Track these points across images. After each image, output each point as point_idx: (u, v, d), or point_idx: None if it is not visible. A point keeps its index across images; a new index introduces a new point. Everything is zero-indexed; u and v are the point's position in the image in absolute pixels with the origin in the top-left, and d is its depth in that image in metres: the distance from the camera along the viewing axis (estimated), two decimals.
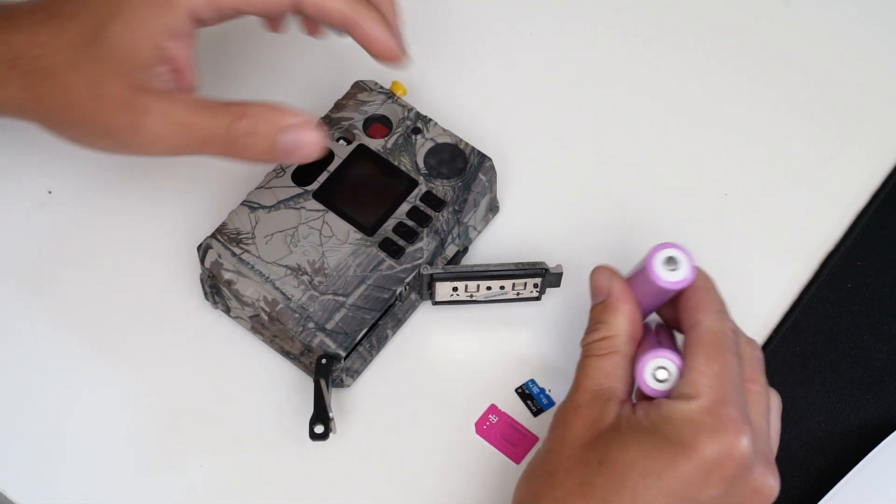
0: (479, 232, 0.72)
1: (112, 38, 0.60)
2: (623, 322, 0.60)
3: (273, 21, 0.68)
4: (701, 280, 0.60)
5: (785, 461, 0.67)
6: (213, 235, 0.68)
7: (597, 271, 0.62)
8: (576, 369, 0.61)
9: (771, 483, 0.57)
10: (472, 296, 0.69)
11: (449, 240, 0.69)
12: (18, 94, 0.61)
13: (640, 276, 0.61)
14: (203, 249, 0.68)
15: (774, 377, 0.69)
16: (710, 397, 0.56)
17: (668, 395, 0.58)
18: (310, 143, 0.60)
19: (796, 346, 0.70)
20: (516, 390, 0.69)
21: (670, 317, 0.63)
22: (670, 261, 0.59)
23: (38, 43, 0.61)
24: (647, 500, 0.55)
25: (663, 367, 0.58)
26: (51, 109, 0.62)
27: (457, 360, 0.70)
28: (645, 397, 0.59)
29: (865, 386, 0.69)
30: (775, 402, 0.61)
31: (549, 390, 0.69)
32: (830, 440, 0.68)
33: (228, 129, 0.60)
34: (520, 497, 0.60)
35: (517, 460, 0.67)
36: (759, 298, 0.71)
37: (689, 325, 0.59)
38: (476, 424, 0.68)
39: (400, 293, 0.67)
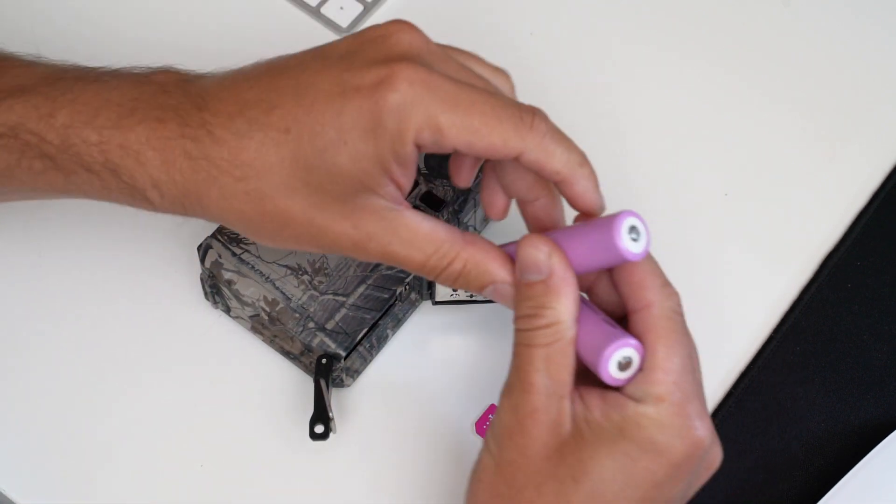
0: (479, 232, 0.72)
1: (339, 168, 0.55)
2: (570, 307, 0.56)
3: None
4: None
5: (785, 461, 0.67)
6: (213, 235, 0.68)
7: (531, 245, 0.57)
8: (515, 357, 0.56)
9: (719, 454, 0.57)
10: (472, 296, 0.69)
11: None
12: (220, 212, 0.58)
13: (585, 241, 0.57)
14: (203, 249, 0.68)
15: (774, 377, 0.70)
16: (676, 396, 0.54)
17: (627, 383, 0.55)
18: (506, 297, 0.58)
19: (796, 346, 0.70)
20: None
21: (601, 289, 0.60)
22: (633, 230, 0.55)
23: (244, 161, 0.56)
24: None
25: (627, 356, 0.55)
26: (261, 229, 0.58)
27: (457, 360, 0.70)
28: (588, 384, 0.56)
29: (865, 386, 0.69)
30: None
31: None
32: (830, 440, 0.68)
33: (441, 268, 0.58)
34: None
35: None
36: (759, 298, 0.71)
37: (639, 307, 0.56)
38: (476, 424, 0.68)
39: (400, 293, 0.67)
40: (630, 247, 0.54)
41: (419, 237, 0.57)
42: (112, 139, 0.58)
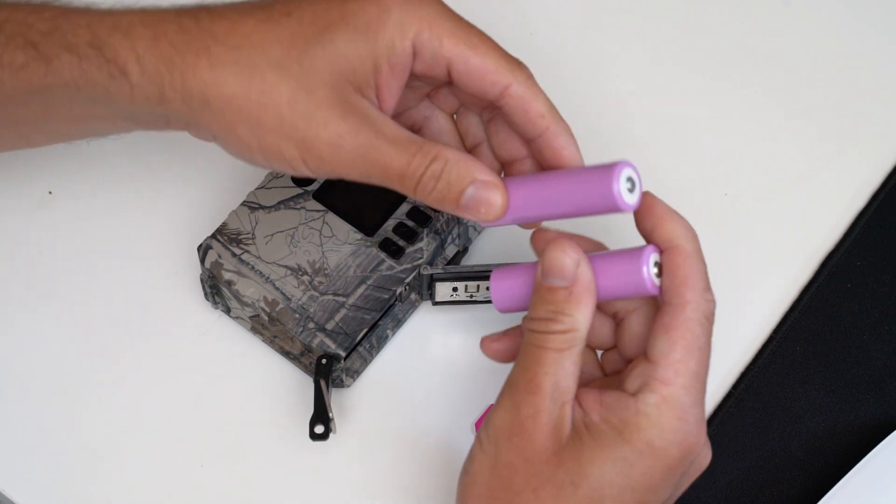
0: (479, 232, 0.72)
1: (335, 45, 0.55)
2: (588, 317, 0.56)
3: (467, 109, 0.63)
4: (690, 243, 0.57)
5: (785, 461, 0.67)
6: (213, 235, 0.68)
7: (560, 249, 0.56)
8: (522, 357, 0.56)
9: (709, 455, 0.58)
10: (472, 296, 0.69)
11: (449, 240, 0.69)
12: (202, 86, 0.55)
13: (610, 267, 0.57)
14: (203, 249, 0.68)
15: (774, 377, 0.70)
16: (679, 400, 0.54)
17: (636, 207, 0.55)
18: (493, 204, 0.57)
19: (796, 346, 0.70)
20: None
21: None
22: (657, 265, 0.56)
23: (242, 32, 0.55)
24: None
25: (629, 176, 0.55)
26: (242, 109, 0.56)
27: (457, 360, 0.70)
28: (586, 388, 0.56)
29: (865, 386, 0.69)
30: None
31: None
32: (830, 440, 0.68)
33: (422, 168, 0.56)
34: None
35: None
36: (760, 298, 0.71)
37: (675, 302, 0.55)
38: (476, 424, 0.68)
39: (400, 293, 0.67)
40: (654, 279, 0.56)
41: (403, 137, 0.56)
42: (103, 20, 0.57)
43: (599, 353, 0.61)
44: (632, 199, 0.55)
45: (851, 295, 0.72)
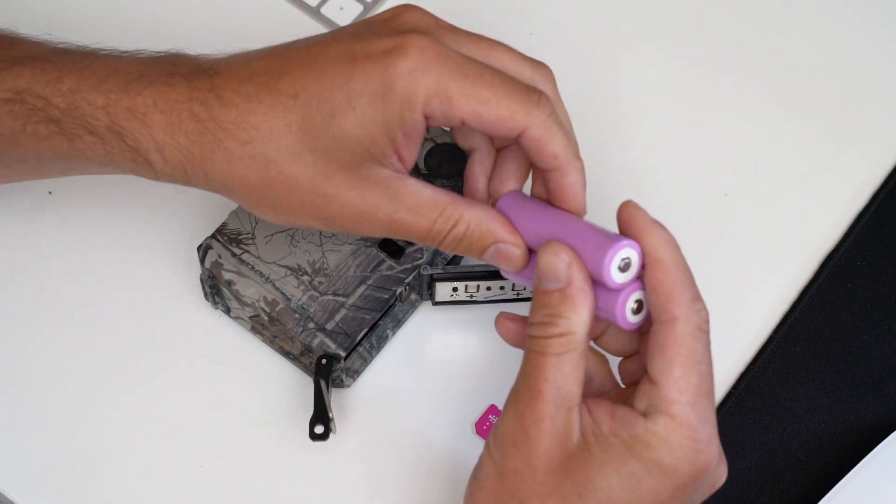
0: None
1: (346, 133, 0.56)
2: (585, 318, 0.55)
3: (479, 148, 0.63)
4: (668, 252, 0.56)
5: (785, 461, 0.67)
6: (213, 235, 0.68)
7: (551, 251, 0.56)
8: (525, 363, 0.56)
9: (724, 473, 0.57)
10: (472, 296, 0.69)
11: None
12: (223, 178, 0.57)
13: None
14: (203, 249, 0.68)
15: (774, 377, 0.70)
16: (687, 418, 0.54)
17: (629, 287, 0.55)
18: (512, 261, 0.59)
19: (796, 346, 0.70)
20: None
21: None
22: (638, 303, 0.56)
23: (251, 125, 0.56)
24: None
25: (625, 257, 0.55)
26: (264, 197, 0.58)
27: (457, 360, 0.70)
28: (598, 397, 0.57)
29: (865, 386, 0.69)
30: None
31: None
32: (830, 440, 0.68)
33: (445, 231, 0.58)
34: None
35: None
36: (759, 299, 0.71)
37: (664, 319, 0.55)
38: (476, 424, 0.68)
39: (400, 293, 0.67)
40: (630, 318, 0.56)
41: (424, 204, 0.58)
42: (119, 102, 0.57)
43: (617, 360, 0.61)
44: (623, 279, 0.55)
45: (851, 295, 0.72)
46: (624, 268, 0.55)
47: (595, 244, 0.55)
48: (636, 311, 0.56)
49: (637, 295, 0.56)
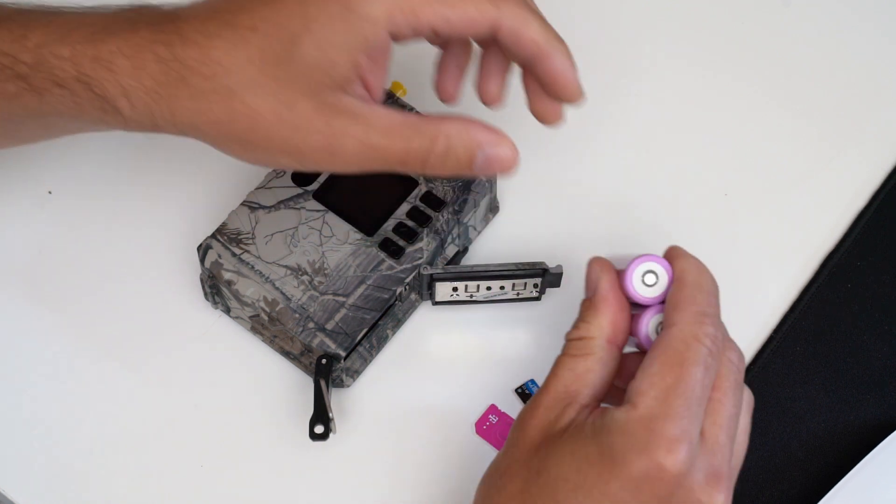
0: (479, 232, 0.72)
1: (304, 57, 0.55)
2: (604, 323, 0.58)
3: (455, 48, 0.63)
4: (691, 274, 0.57)
5: (785, 461, 0.67)
6: (213, 235, 0.68)
7: (591, 263, 0.60)
8: (552, 365, 0.58)
9: (719, 500, 0.54)
10: (472, 296, 0.69)
11: (449, 240, 0.69)
12: (190, 116, 0.57)
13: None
14: (203, 249, 0.68)
15: (774, 377, 0.70)
16: (649, 408, 0.53)
17: (661, 300, 0.57)
18: (505, 159, 0.58)
19: (796, 346, 0.70)
20: (516, 390, 0.69)
21: None
22: (648, 275, 0.58)
23: (214, 60, 0.56)
24: None
25: (649, 269, 0.58)
26: (231, 133, 0.57)
27: (457, 360, 0.70)
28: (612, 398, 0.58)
29: (865, 386, 0.69)
30: (746, 399, 0.58)
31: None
32: (830, 440, 0.68)
33: (425, 150, 0.57)
34: (477, 496, 0.59)
35: None
36: (760, 298, 0.71)
37: (665, 326, 0.56)
38: (476, 424, 0.68)
39: (400, 293, 0.67)
40: (643, 292, 0.58)
41: (396, 125, 0.57)
42: (85, 52, 0.57)
43: None
44: (649, 293, 0.58)
45: (851, 295, 0.72)
46: (650, 283, 0.58)
47: (629, 262, 0.59)
48: (649, 284, 0.58)
49: (657, 319, 0.58)
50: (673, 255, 0.59)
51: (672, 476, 0.52)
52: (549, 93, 0.60)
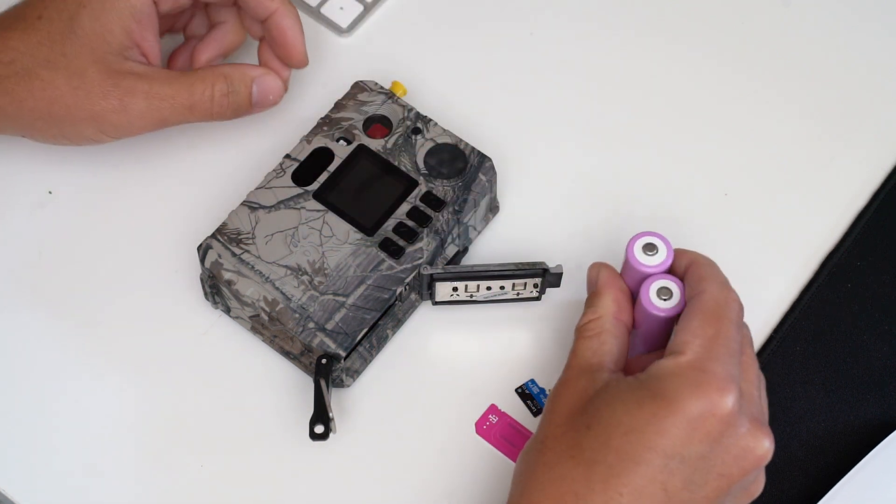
0: (479, 232, 0.72)
1: (84, 29, 0.65)
2: (608, 303, 0.62)
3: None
4: (702, 258, 0.62)
5: (785, 461, 0.67)
6: (213, 235, 0.68)
7: (590, 267, 0.65)
8: (569, 354, 0.62)
9: (764, 444, 0.57)
10: (472, 296, 0.69)
11: (449, 240, 0.69)
12: None
13: (625, 268, 0.64)
14: (203, 249, 0.68)
15: (774, 377, 0.70)
16: (697, 354, 0.56)
17: (672, 314, 0.61)
18: (274, 87, 0.71)
19: (796, 346, 0.70)
20: (516, 390, 0.69)
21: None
22: (649, 247, 0.62)
23: (10, 47, 0.65)
24: (631, 456, 0.55)
25: (664, 286, 0.61)
26: (34, 109, 0.66)
27: (457, 360, 0.70)
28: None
29: (865, 386, 0.69)
30: (762, 378, 0.61)
31: (549, 390, 0.68)
32: (830, 440, 0.68)
33: (208, 94, 0.67)
34: (516, 472, 0.60)
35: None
36: (759, 298, 0.71)
37: (693, 295, 0.60)
38: (476, 424, 0.68)
39: (400, 293, 0.67)
40: (645, 260, 0.63)
41: (179, 76, 0.68)
42: None
43: None
44: (650, 262, 0.63)
45: (851, 295, 0.72)
46: (651, 253, 0.62)
47: (630, 238, 0.63)
48: (664, 298, 0.61)
49: (663, 282, 0.62)
50: (679, 253, 0.63)
51: (723, 416, 0.55)
52: (276, 49, 0.71)
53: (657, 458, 0.55)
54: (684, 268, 0.62)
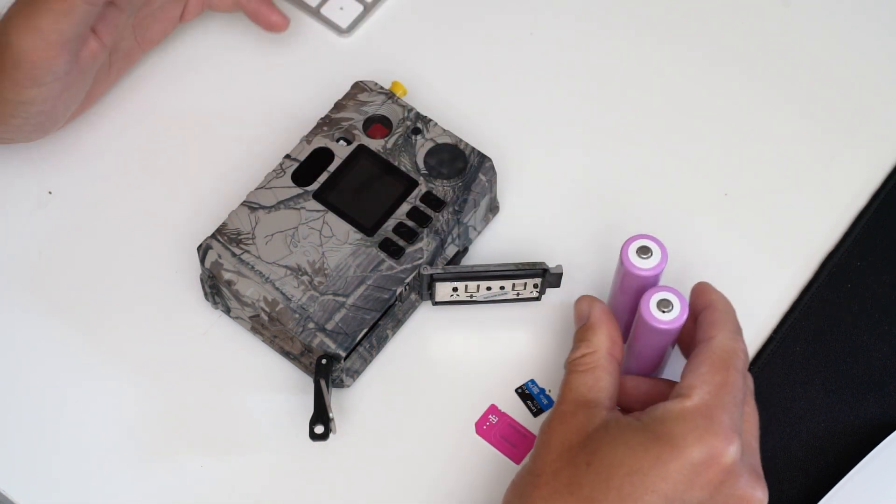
0: (479, 232, 0.72)
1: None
2: (603, 339, 0.62)
3: None
4: (721, 302, 0.62)
5: (785, 461, 0.67)
6: (213, 235, 0.68)
7: (579, 300, 0.65)
8: (560, 387, 0.62)
9: (759, 495, 0.57)
10: (472, 296, 0.69)
11: (449, 240, 0.69)
12: None
13: (619, 272, 0.63)
14: (203, 249, 0.68)
15: (774, 377, 0.70)
16: (704, 400, 0.57)
17: (672, 327, 0.60)
18: None
19: (796, 346, 0.70)
20: (516, 390, 0.69)
21: (686, 337, 0.64)
22: (643, 250, 0.62)
23: None
24: (632, 497, 0.55)
25: (664, 298, 0.61)
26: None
27: (457, 360, 0.70)
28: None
29: (865, 386, 0.69)
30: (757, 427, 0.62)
31: (549, 390, 0.69)
32: (830, 440, 0.68)
33: None
34: (506, 501, 0.60)
35: (517, 460, 0.67)
36: (760, 298, 0.71)
37: (703, 340, 0.60)
38: (476, 424, 0.68)
39: (400, 293, 0.67)
40: (655, 313, 0.61)
41: None
42: None
43: None
44: (645, 265, 0.62)
45: (851, 295, 0.72)
46: (644, 253, 0.62)
47: (624, 242, 0.63)
48: (664, 310, 0.61)
49: (664, 294, 0.61)
50: (701, 289, 0.63)
51: (726, 464, 0.56)
52: (256, 19, 0.75)
53: (658, 500, 0.55)
54: (701, 307, 0.62)
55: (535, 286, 0.69)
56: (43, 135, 0.71)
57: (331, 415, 0.64)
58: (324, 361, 0.65)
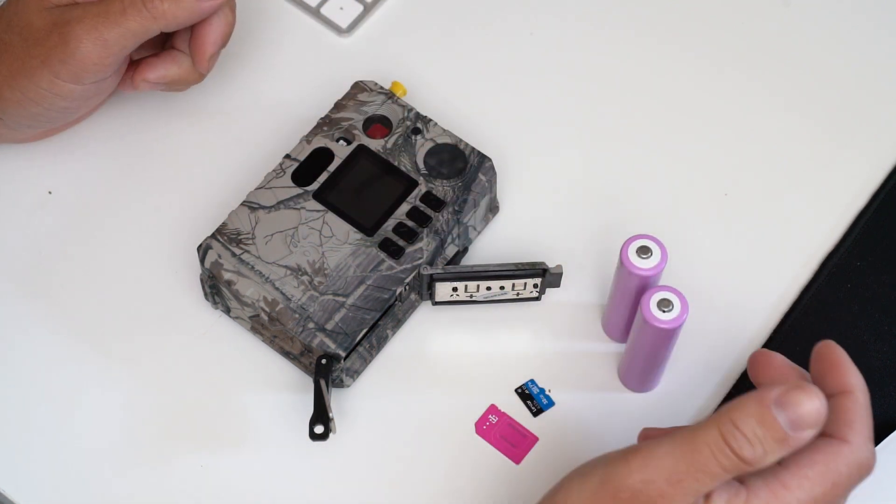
0: (479, 232, 0.72)
1: None
2: (772, 462, 0.53)
3: None
4: (864, 392, 0.57)
5: None
6: (213, 235, 0.68)
7: (817, 399, 0.52)
8: (681, 446, 0.53)
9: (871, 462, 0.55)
10: (471, 296, 0.69)
11: (449, 240, 0.69)
12: None
13: (619, 272, 0.63)
14: (203, 249, 0.68)
15: None
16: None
17: (672, 326, 0.60)
18: None
19: (796, 346, 0.70)
20: (516, 390, 0.69)
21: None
22: (643, 250, 0.62)
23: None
24: None
25: (664, 298, 0.61)
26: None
27: (456, 360, 0.70)
28: None
29: None
30: None
31: (549, 390, 0.69)
32: None
33: (156, 10, 0.67)
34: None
35: (517, 460, 0.67)
36: (759, 298, 0.71)
37: (836, 437, 0.55)
38: (476, 424, 0.68)
39: (400, 293, 0.67)
40: (656, 313, 0.61)
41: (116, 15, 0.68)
42: None
43: None
44: (643, 265, 0.63)
45: (851, 295, 0.72)
46: (643, 253, 0.62)
47: (624, 241, 0.63)
48: (664, 310, 0.61)
49: (663, 294, 0.61)
50: (835, 361, 0.56)
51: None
52: (194, 56, 0.70)
53: None
54: (835, 386, 0.56)
55: (535, 286, 0.69)
56: (46, 133, 0.71)
57: (331, 415, 0.64)
58: (324, 361, 0.65)
